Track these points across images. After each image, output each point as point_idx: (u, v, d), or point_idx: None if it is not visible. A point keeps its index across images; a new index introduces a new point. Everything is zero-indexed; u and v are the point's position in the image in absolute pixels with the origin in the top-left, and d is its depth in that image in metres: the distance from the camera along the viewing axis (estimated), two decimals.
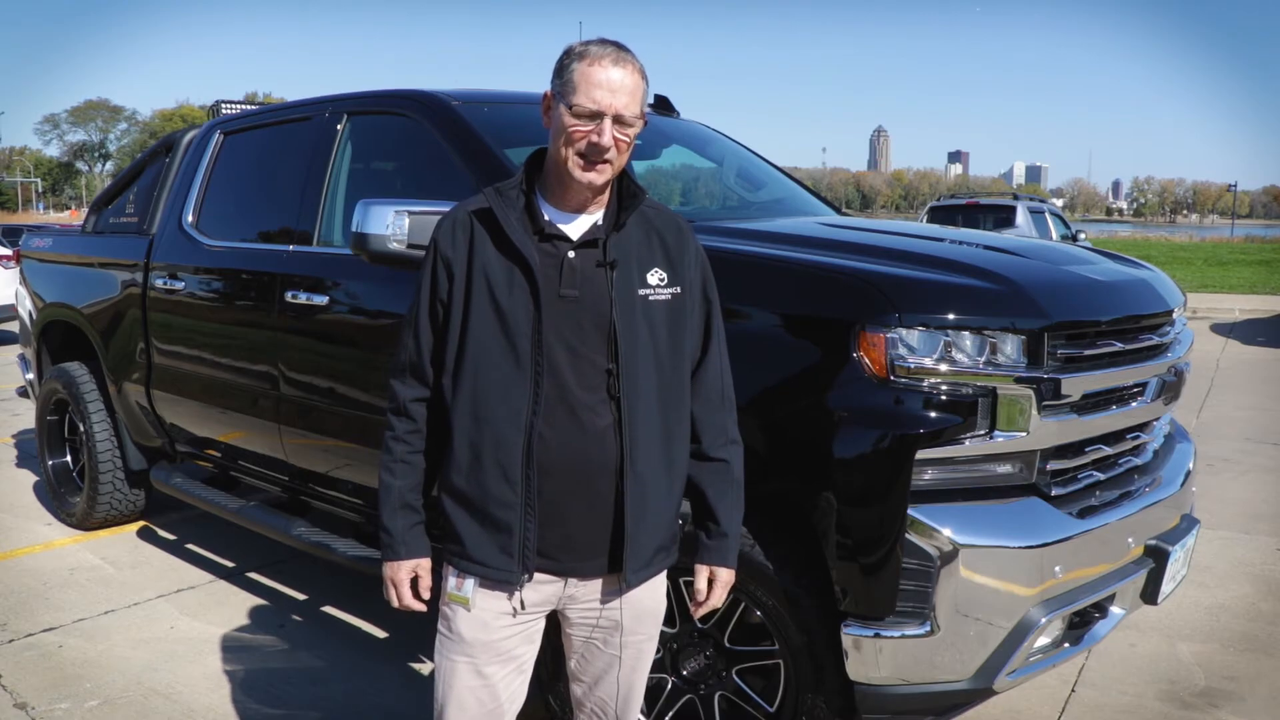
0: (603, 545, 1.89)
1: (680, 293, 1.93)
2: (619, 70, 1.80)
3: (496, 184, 1.91)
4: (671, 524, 1.98)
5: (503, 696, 1.97)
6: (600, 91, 1.78)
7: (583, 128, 1.79)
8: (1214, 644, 3.85)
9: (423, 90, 3.64)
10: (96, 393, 5.12)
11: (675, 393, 1.93)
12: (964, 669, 2.39)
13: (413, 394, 1.94)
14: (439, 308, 1.90)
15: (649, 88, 1.90)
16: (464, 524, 1.88)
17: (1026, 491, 2.48)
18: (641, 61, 1.86)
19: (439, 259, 1.89)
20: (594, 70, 1.79)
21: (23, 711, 3.35)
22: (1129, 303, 2.78)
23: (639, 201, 1.91)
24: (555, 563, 1.89)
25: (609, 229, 1.88)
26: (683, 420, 1.97)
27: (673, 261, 1.94)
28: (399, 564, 1.97)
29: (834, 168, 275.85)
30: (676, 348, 1.92)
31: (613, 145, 1.80)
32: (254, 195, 4.39)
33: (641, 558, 1.91)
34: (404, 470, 1.96)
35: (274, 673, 3.65)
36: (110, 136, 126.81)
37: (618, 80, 1.79)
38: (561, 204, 1.89)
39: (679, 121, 4.55)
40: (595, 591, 1.95)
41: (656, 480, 1.90)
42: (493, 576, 1.87)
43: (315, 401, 3.70)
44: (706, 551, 2.01)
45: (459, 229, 1.89)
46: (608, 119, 1.78)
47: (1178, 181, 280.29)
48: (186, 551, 5.02)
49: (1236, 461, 6.73)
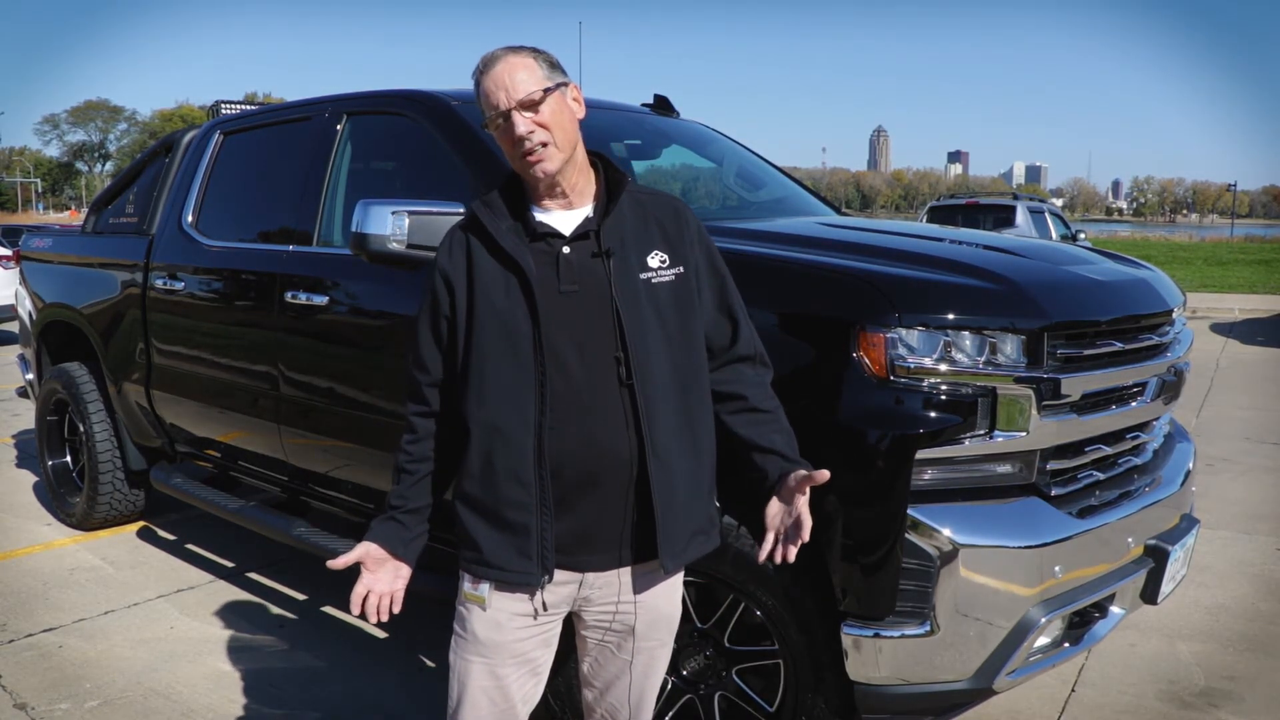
0: (623, 538, 1.88)
1: (684, 273, 1.93)
2: (499, 65, 1.85)
3: (484, 196, 1.93)
4: (706, 506, 1.95)
5: (515, 698, 1.96)
6: (492, 93, 1.84)
7: (504, 131, 1.84)
8: (1214, 644, 3.85)
9: (422, 90, 3.64)
10: (96, 393, 5.12)
11: (691, 374, 1.91)
12: (964, 669, 2.39)
13: (415, 408, 1.97)
14: (442, 324, 1.91)
15: (553, 60, 1.91)
16: (480, 530, 1.87)
17: (1026, 491, 2.48)
18: (531, 45, 1.90)
19: (439, 277, 1.91)
20: (485, 80, 1.86)
21: (23, 711, 3.35)
22: (1129, 302, 2.78)
23: (622, 187, 1.92)
24: (572, 558, 1.88)
25: (600, 218, 1.89)
26: (704, 401, 1.95)
27: (672, 243, 1.94)
28: (365, 543, 1.95)
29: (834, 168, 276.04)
30: (686, 328, 1.91)
31: (536, 129, 1.82)
32: (254, 195, 4.39)
33: (677, 544, 1.88)
34: (401, 478, 1.99)
35: (274, 673, 3.65)
36: (110, 136, 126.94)
37: (504, 75, 1.84)
38: (545, 203, 1.91)
39: (679, 121, 4.55)
40: (611, 594, 1.94)
41: (681, 463, 1.88)
42: (512, 580, 1.87)
43: (315, 401, 3.70)
44: (771, 475, 1.92)
45: (456, 246, 1.92)
46: (513, 111, 1.82)
47: (1177, 181, 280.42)
48: (186, 551, 5.02)
49: (1236, 461, 6.73)
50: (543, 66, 1.87)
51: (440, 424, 1.95)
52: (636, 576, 1.93)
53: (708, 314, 1.98)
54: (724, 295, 2.01)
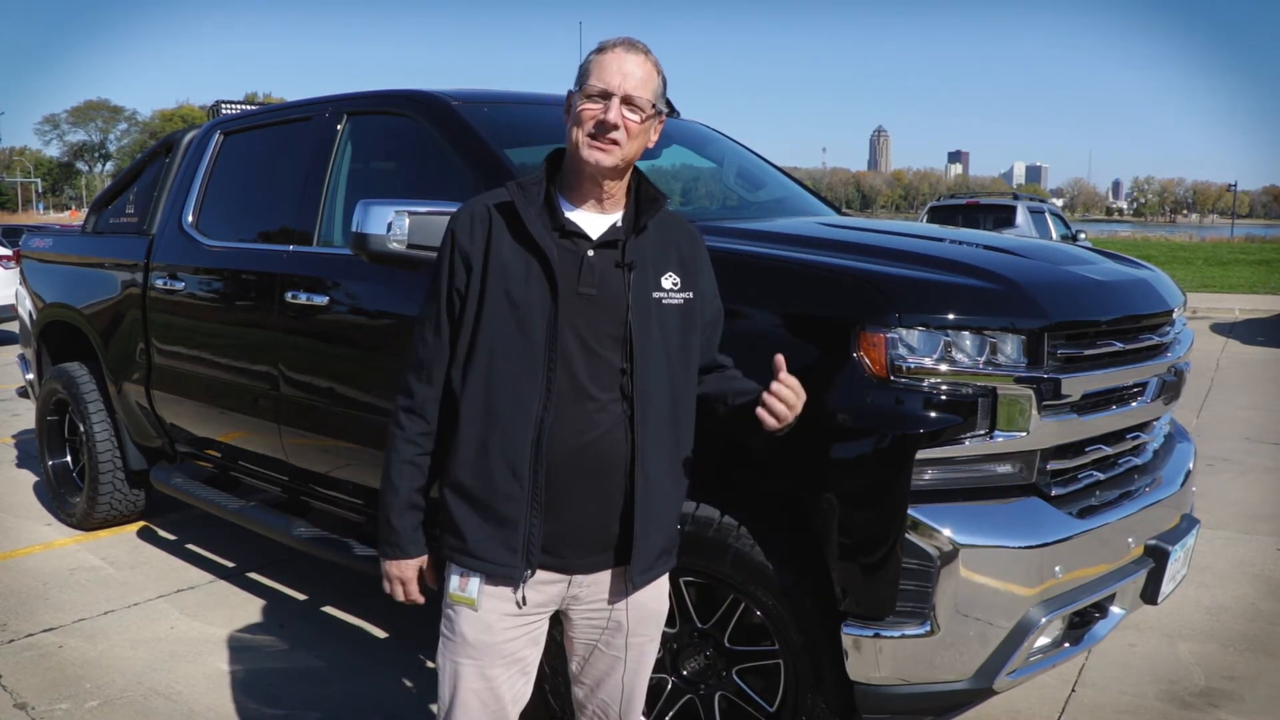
0: (608, 542, 1.90)
1: (692, 299, 1.96)
2: (631, 56, 1.86)
3: (519, 179, 1.92)
4: (674, 528, 2.00)
5: (506, 698, 1.97)
6: (610, 73, 1.84)
7: (592, 106, 1.83)
8: (1214, 644, 3.85)
9: (422, 90, 3.64)
10: (96, 393, 5.12)
11: (682, 396, 1.96)
12: (964, 669, 2.39)
13: (430, 393, 1.93)
14: (456, 299, 1.89)
15: (666, 89, 1.93)
16: (467, 519, 1.88)
17: (1026, 491, 2.47)
18: (658, 59, 1.92)
19: (456, 251, 1.89)
20: (605, 56, 1.86)
21: (23, 711, 3.35)
22: (1129, 303, 2.78)
23: (659, 206, 1.94)
24: (558, 559, 1.89)
25: (628, 231, 1.90)
26: (689, 426, 2.00)
27: (686, 268, 1.97)
28: (406, 563, 1.99)
29: (834, 168, 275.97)
30: (686, 352, 1.96)
31: (621, 126, 1.83)
32: (254, 195, 4.39)
33: (648, 558, 1.92)
34: (412, 472, 1.96)
35: (274, 673, 3.65)
36: (110, 136, 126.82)
37: (629, 65, 1.85)
38: (577, 200, 1.91)
39: (679, 121, 4.55)
40: (599, 592, 1.95)
41: (662, 482, 1.91)
42: (495, 573, 1.87)
43: (315, 401, 3.70)
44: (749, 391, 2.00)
45: (477, 222, 1.89)
46: (616, 98, 1.83)
47: (1178, 181, 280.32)
48: (186, 551, 5.02)
49: (1236, 461, 6.73)
50: (660, 86, 1.91)
51: (446, 413, 1.94)
52: (623, 577, 1.94)
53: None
54: (713, 331, 2.08)
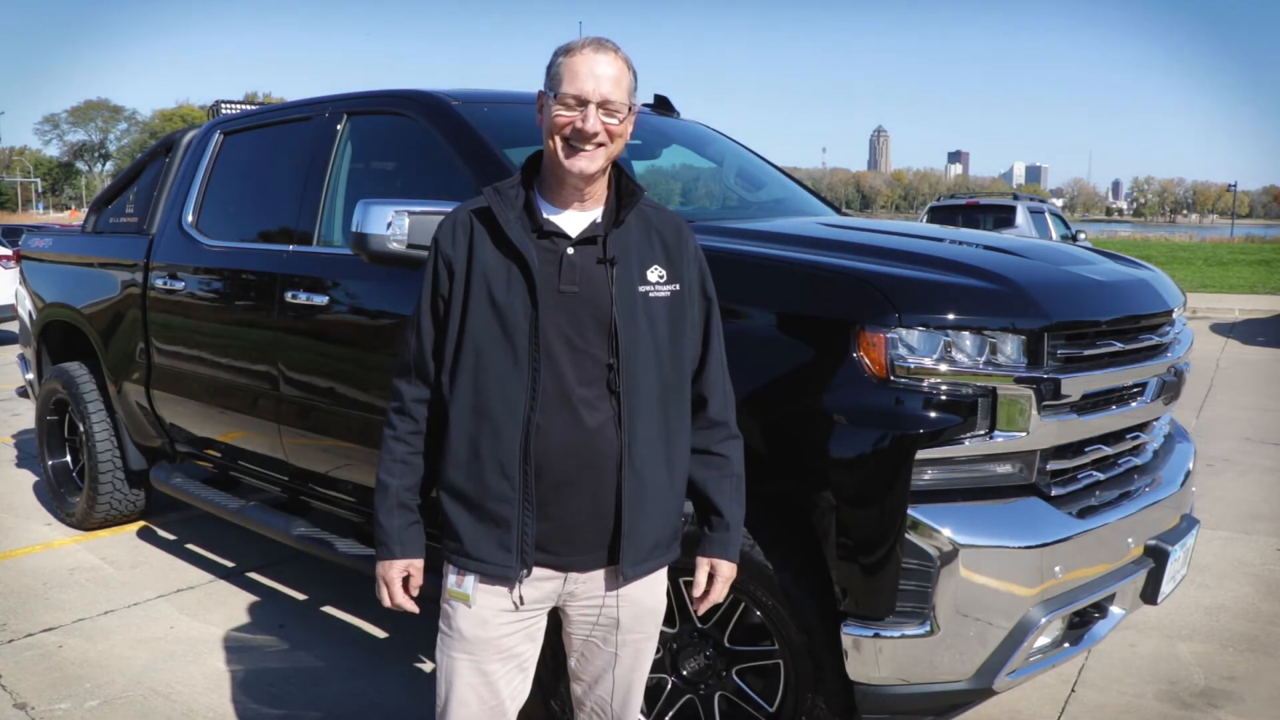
0: (603, 539, 1.90)
1: (679, 290, 1.95)
2: (602, 57, 1.84)
3: (495, 184, 1.93)
4: (672, 520, 1.98)
5: (504, 694, 1.98)
6: (583, 79, 1.82)
7: (568, 114, 1.82)
8: (1214, 644, 3.85)
9: (422, 90, 3.64)
10: (96, 393, 5.12)
11: (675, 389, 1.94)
12: (964, 669, 2.39)
13: (417, 394, 1.95)
14: (440, 304, 1.91)
15: (637, 82, 1.91)
16: (463, 521, 1.89)
17: (1026, 491, 2.48)
18: (629, 56, 1.89)
19: (440, 258, 1.91)
20: (576, 60, 1.84)
21: (23, 711, 3.35)
22: (1129, 303, 2.78)
23: (637, 199, 1.93)
24: (555, 557, 1.90)
25: (608, 226, 1.89)
26: (683, 417, 1.98)
27: (672, 259, 1.95)
28: (392, 563, 1.98)
29: (834, 168, 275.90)
30: (676, 344, 1.94)
31: (601, 131, 1.82)
32: (254, 195, 4.39)
33: (639, 551, 1.91)
34: (403, 470, 1.97)
35: (274, 673, 3.65)
36: (110, 136, 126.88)
37: (600, 67, 1.83)
38: (559, 201, 1.91)
39: (679, 122, 4.55)
40: (596, 588, 1.95)
41: (655, 475, 1.90)
42: (491, 573, 1.88)
43: (315, 401, 3.70)
44: (708, 544, 2.02)
45: (459, 229, 1.91)
46: (592, 105, 1.82)
47: (1177, 181, 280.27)
48: (186, 551, 5.02)
49: (1236, 461, 6.73)
50: (632, 82, 1.90)
51: (433, 411, 1.95)
52: (619, 573, 1.94)
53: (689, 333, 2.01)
54: (708, 319, 2.03)
